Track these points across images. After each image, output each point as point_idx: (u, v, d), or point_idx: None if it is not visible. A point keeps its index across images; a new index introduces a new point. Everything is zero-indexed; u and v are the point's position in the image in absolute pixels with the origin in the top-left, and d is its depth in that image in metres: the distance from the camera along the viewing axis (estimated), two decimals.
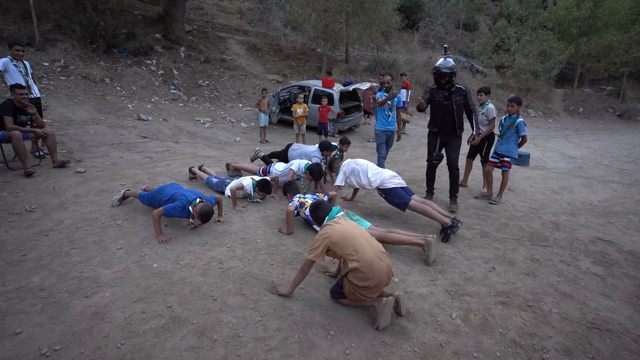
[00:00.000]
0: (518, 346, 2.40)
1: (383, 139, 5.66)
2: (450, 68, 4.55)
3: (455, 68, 4.60)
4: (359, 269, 2.39)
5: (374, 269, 2.41)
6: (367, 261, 2.40)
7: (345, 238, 2.50)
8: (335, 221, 2.69)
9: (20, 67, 5.31)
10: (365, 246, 2.48)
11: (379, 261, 2.45)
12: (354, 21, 14.75)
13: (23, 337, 2.17)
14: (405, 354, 2.26)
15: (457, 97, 4.61)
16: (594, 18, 17.66)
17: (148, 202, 3.87)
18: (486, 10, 32.59)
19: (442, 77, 4.57)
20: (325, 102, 8.73)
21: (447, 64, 4.56)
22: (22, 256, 3.01)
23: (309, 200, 3.86)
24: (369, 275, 2.39)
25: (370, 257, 2.42)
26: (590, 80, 23.32)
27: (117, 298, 2.57)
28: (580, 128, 16.67)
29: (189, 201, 3.49)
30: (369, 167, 4.26)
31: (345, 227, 2.60)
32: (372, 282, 2.40)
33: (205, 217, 3.47)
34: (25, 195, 4.14)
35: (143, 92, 10.20)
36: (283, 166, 5.06)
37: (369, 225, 3.65)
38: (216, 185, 4.74)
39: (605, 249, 3.98)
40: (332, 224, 2.65)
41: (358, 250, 2.44)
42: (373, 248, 2.51)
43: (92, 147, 6.30)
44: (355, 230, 2.60)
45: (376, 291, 2.47)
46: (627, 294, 3.10)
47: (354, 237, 2.51)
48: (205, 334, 2.29)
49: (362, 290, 2.44)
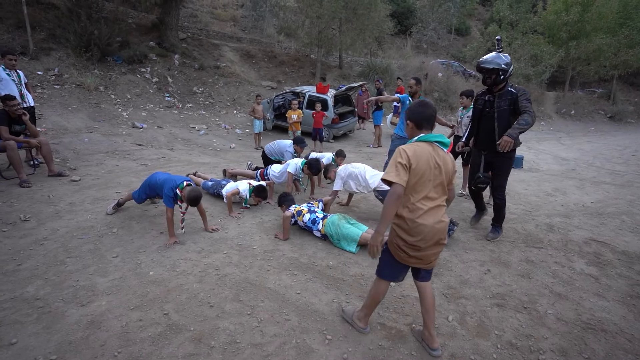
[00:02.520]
0: (514, 348, 2.41)
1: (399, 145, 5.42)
2: (495, 63, 3.55)
3: (505, 64, 3.56)
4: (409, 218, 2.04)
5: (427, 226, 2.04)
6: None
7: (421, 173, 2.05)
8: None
9: (14, 76, 5.29)
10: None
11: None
12: (347, 27, 14.88)
13: (19, 348, 2.15)
14: (403, 357, 2.27)
15: (502, 103, 3.66)
16: (582, 22, 17.97)
17: (142, 193, 3.86)
18: (477, 15, 33.01)
19: (486, 76, 3.65)
20: (319, 107, 8.78)
21: (493, 58, 3.59)
22: (16, 266, 2.99)
23: (305, 209, 3.88)
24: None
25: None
26: (581, 83, 23.62)
27: (114, 306, 2.56)
28: (572, 130, 16.88)
29: (177, 185, 3.49)
30: (366, 170, 4.29)
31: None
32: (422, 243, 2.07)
33: (193, 201, 3.45)
34: (19, 204, 4.12)
35: (137, 100, 10.19)
36: (280, 167, 5.07)
37: (366, 229, 3.67)
38: (212, 187, 4.74)
39: (599, 249, 4.02)
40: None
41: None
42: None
43: (86, 155, 6.28)
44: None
45: (423, 255, 2.11)
46: (621, 294, 3.14)
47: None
48: (203, 341, 2.29)
49: (406, 248, 2.11)
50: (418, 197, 2.06)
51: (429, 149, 2.09)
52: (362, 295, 2.86)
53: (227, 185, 4.59)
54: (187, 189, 3.48)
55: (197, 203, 3.51)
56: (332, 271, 3.21)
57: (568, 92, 20.86)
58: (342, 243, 3.61)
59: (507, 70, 3.58)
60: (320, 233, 3.75)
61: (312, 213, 3.84)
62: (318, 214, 3.83)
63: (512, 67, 3.64)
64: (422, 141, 2.12)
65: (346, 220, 3.75)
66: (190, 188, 3.49)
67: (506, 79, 3.65)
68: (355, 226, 3.70)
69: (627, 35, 18.26)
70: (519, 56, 17.28)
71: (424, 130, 2.18)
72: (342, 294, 2.88)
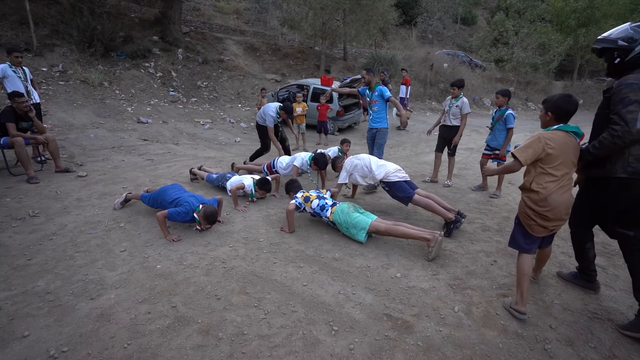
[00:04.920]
0: (520, 337, 2.41)
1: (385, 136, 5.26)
2: (610, 41, 2.48)
3: (625, 39, 2.40)
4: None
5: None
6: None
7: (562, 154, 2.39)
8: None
9: (20, 73, 5.34)
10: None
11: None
12: (351, 18, 14.74)
13: (31, 340, 2.20)
14: (409, 347, 2.28)
15: (607, 99, 2.49)
16: (592, 9, 17.63)
17: (150, 202, 3.91)
18: (484, 3, 32.47)
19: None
20: (324, 100, 8.74)
21: (611, 33, 2.53)
22: (27, 261, 3.04)
23: (314, 194, 3.86)
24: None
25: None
26: (590, 72, 23.26)
27: (122, 299, 2.60)
28: (580, 120, 16.49)
29: (193, 209, 3.55)
30: (372, 161, 4.23)
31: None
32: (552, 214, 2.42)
33: (210, 217, 3.54)
34: (28, 200, 4.17)
35: (142, 95, 10.22)
36: (287, 160, 5.07)
37: (375, 217, 3.63)
38: (216, 180, 4.77)
39: (606, 239, 3.98)
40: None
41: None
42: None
43: (92, 151, 6.33)
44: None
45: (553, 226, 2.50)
46: (628, 284, 3.10)
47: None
48: (210, 333, 2.32)
49: (535, 217, 2.47)
50: (552, 177, 2.41)
51: (565, 137, 2.41)
52: (367, 287, 2.87)
53: (231, 178, 4.61)
54: (202, 209, 3.55)
55: (215, 219, 3.59)
56: (338, 263, 3.22)
57: (576, 81, 20.56)
58: (352, 231, 3.57)
59: (625, 47, 2.41)
60: (329, 220, 3.74)
61: (321, 199, 3.80)
62: (327, 201, 3.79)
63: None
64: (561, 130, 2.44)
65: (355, 209, 3.71)
66: (205, 207, 3.56)
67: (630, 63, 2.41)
68: (365, 215, 3.66)
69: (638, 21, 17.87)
70: (526, 45, 17.00)
71: (562, 122, 2.48)
72: (348, 285, 2.89)
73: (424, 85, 16.18)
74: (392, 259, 3.33)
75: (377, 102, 5.05)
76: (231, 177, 4.63)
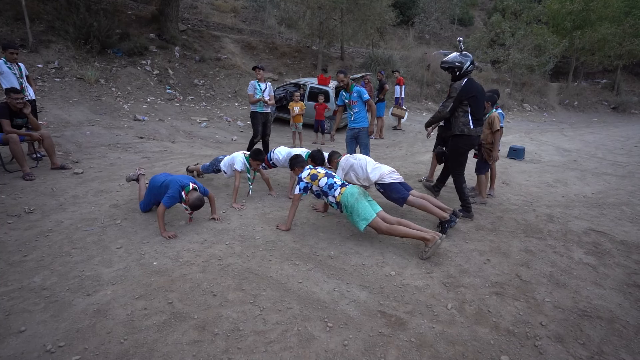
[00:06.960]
0: (511, 334, 2.46)
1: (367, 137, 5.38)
2: (451, 62, 4.17)
3: (458, 62, 4.13)
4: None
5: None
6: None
7: None
8: None
9: (15, 69, 5.31)
10: None
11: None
12: (349, 18, 14.74)
13: (27, 335, 2.21)
14: (402, 343, 2.32)
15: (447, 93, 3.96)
16: (587, 11, 17.76)
17: (147, 199, 3.90)
18: (481, 4, 32.61)
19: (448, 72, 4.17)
20: (321, 99, 8.77)
21: (451, 59, 4.17)
22: (23, 257, 3.04)
23: (322, 172, 3.75)
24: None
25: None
26: (585, 74, 23.42)
27: (119, 295, 2.61)
28: (575, 121, 16.78)
29: (182, 186, 3.56)
30: (367, 162, 4.25)
31: None
32: None
33: (194, 208, 3.56)
34: (23, 197, 4.17)
35: (138, 93, 10.19)
36: (286, 151, 4.94)
37: (380, 209, 3.60)
38: (210, 165, 4.81)
39: (598, 239, 4.05)
40: None
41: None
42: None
43: (89, 148, 6.31)
44: None
45: None
46: (618, 282, 3.18)
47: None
48: (206, 329, 2.34)
49: None
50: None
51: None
52: (362, 285, 2.91)
53: (224, 159, 4.67)
54: (193, 193, 3.54)
55: (198, 209, 3.62)
56: (333, 261, 3.25)
57: (572, 83, 20.71)
58: (354, 217, 3.49)
59: (462, 67, 4.07)
60: (335, 200, 3.63)
61: (330, 177, 3.70)
62: (336, 180, 3.69)
63: (468, 65, 4.06)
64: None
65: (365, 196, 3.61)
66: (196, 195, 3.55)
67: (462, 75, 4.11)
68: (372, 204, 3.59)
69: (632, 24, 18.05)
70: (522, 46, 17.10)
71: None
72: (343, 283, 2.93)
73: (420, 85, 16.25)
74: (386, 257, 3.37)
75: (357, 102, 5.16)
76: (223, 159, 4.67)
